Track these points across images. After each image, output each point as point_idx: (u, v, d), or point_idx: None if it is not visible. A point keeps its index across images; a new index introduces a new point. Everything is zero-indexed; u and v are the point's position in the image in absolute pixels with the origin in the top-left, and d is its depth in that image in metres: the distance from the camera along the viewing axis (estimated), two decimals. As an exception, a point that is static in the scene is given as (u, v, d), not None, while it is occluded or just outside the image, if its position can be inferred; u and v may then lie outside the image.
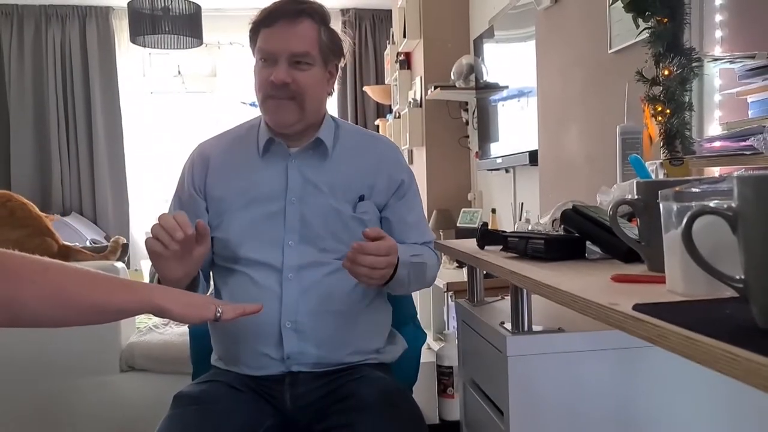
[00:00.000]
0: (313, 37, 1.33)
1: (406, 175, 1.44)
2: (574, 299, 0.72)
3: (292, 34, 1.31)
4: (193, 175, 1.41)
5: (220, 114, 5.35)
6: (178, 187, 1.44)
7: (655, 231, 0.75)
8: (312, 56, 1.32)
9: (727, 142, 1.40)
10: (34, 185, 5.05)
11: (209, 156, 1.42)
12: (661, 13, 1.55)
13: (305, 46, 1.31)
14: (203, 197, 1.39)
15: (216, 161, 1.41)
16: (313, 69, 1.34)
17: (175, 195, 1.44)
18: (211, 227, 1.37)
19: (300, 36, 1.32)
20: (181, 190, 1.42)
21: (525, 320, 1.11)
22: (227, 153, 1.42)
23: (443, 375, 1.81)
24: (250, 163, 1.39)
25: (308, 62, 1.32)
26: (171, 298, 0.97)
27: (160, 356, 2.30)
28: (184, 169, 1.44)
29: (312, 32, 1.33)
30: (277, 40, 1.31)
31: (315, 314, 1.31)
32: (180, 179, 1.44)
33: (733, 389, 1.03)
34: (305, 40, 1.32)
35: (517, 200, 3.25)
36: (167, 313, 0.95)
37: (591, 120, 2.33)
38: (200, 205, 1.39)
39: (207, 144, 1.46)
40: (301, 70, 1.32)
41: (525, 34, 2.99)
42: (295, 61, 1.31)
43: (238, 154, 1.41)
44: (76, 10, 5.12)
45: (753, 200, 0.52)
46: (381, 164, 1.41)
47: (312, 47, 1.32)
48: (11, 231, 2.33)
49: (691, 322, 0.54)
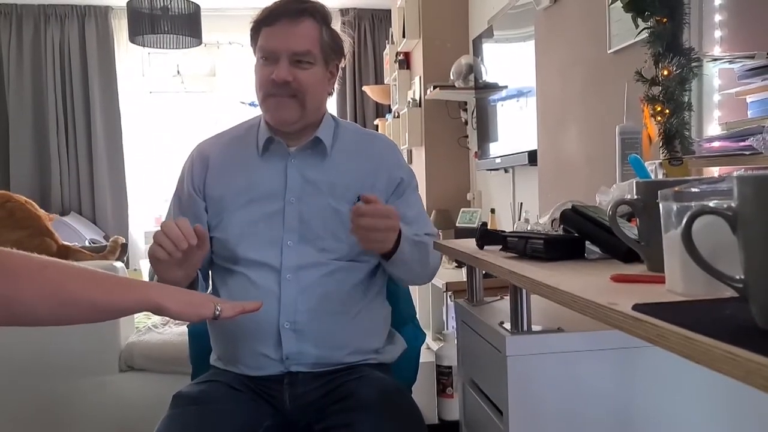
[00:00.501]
0: (315, 36, 1.33)
1: (405, 173, 1.44)
2: (573, 299, 0.72)
3: (293, 33, 1.31)
4: (192, 175, 1.41)
5: (219, 114, 5.35)
6: (177, 186, 1.44)
7: (655, 231, 0.75)
8: (313, 55, 1.33)
9: (727, 142, 1.41)
10: (33, 185, 5.05)
11: (208, 156, 1.42)
12: (660, 13, 1.55)
13: (306, 44, 1.32)
14: (202, 197, 1.39)
15: (215, 161, 1.41)
16: (314, 68, 1.34)
17: (175, 195, 1.44)
18: (210, 227, 1.37)
19: (301, 35, 1.32)
20: (181, 191, 1.42)
21: (524, 320, 1.11)
22: (226, 152, 1.42)
23: (442, 375, 1.81)
24: (250, 162, 1.39)
25: (309, 61, 1.32)
26: (169, 295, 0.96)
27: (160, 356, 2.30)
28: (183, 169, 1.44)
29: (313, 31, 1.33)
30: (278, 38, 1.31)
31: (314, 314, 1.31)
32: (179, 179, 1.44)
33: (733, 390, 1.03)
34: (306, 39, 1.32)
35: (516, 200, 3.25)
36: (165, 311, 0.95)
37: (590, 120, 2.33)
38: (199, 206, 1.39)
39: (206, 144, 1.46)
40: (302, 68, 1.32)
41: (524, 34, 2.99)
42: (296, 60, 1.31)
43: (238, 154, 1.41)
44: (75, 10, 5.12)
45: (753, 200, 0.52)
46: (380, 164, 1.41)
47: (313, 46, 1.32)
48: (11, 232, 2.33)
49: (691, 322, 0.54)
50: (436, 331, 3.53)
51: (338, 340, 1.33)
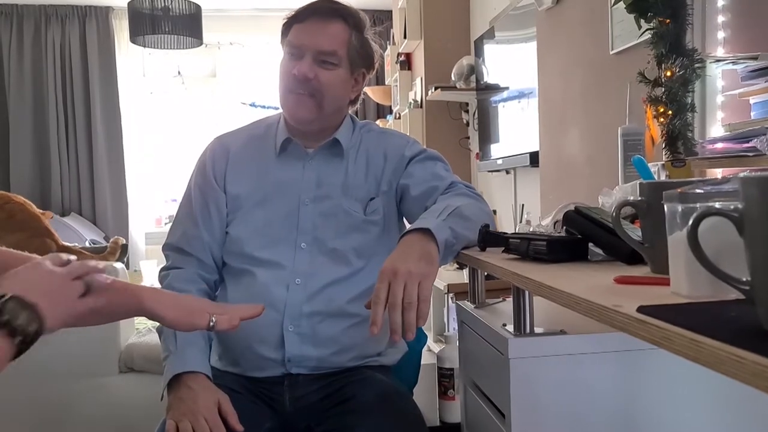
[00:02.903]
0: (343, 38, 1.32)
1: (411, 150, 1.39)
2: (576, 301, 0.72)
3: (321, 32, 1.31)
4: (214, 166, 1.39)
5: (219, 114, 5.35)
6: (196, 179, 1.41)
7: (659, 232, 0.74)
8: (338, 56, 1.32)
9: (730, 143, 1.40)
10: (33, 185, 5.06)
11: (229, 149, 1.41)
12: (663, 14, 1.55)
13: (333, 45, 1.31)
14: (223, 189, 1.38)
15: (235, 157, 1.40)
16: (338, 70, 1.33)
17: (195, 187, 1.40)
18: (225, 222, 1.37)
19: (329, 35, 1.31)
20: (202, 182, 1.39)
21: (527, 322, 1.10)
22: (245, 150, 1.41)
23: (444, 377, 1.80)
24: (267, 161, 1.38)
25: (333, 62, 1.32)
26: (164, 303, 0.92)
27: (159, 358, 2.29)
28: (201, 161, 1.42)
29: (343, 33, 1.32)
30: (306, 35, 1.31)
31: (319, 319, 1.30)
32: (197, 171, 1.41)
33: (739, 392, 1.03)
34: (334, 39, 1.31)
35: (518, 202, 3.24)
36: (159, 318, 0.92)
37: (592, 121, 2.32)
38: (221, 197, 1.37)
39: (226, 138, 1.45)
40: (326, 68, 1.31)
41: (526, 35, 2.98)
42: (321, 60, 1.31)
43: (256, 152, 1.40)
44: (75, 10, 5.12)
45: (759, 201, 0.52)
46: (388, 160, 1.39)
47: (340, 47, 1.32)
48: (10, 234, 2.33)
49: (696, 325, 0.54)
50: (438, 333, 3.53)
51: (342, 345, 1.32)
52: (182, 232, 1.39)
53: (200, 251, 1.36)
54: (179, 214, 1.43)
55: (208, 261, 1.37)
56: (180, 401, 1.17)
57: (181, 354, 1.24)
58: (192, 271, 1.36)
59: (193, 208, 1.39)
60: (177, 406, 1.16)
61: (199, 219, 1.37)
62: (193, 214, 1.38)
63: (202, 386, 1.20)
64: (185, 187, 1.44)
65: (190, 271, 1.36)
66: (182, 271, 1.36)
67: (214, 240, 1.37)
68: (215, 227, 1.37)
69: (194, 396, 1.17)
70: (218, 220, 1.37)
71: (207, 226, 1.37)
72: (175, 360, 1.24)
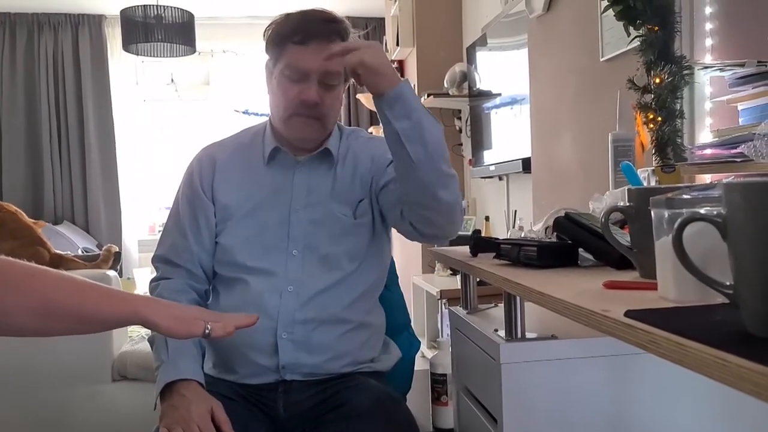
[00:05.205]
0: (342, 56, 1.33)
1: None
2: (566, 306, 0.72)
3: None
4: (201, 177, 1.39)
5: (213, 122, 5.35)
6: (183, 190, 1.42)
7: (647, 238, 0.75)
8: (340, 76, 1.32)
9: (718, 149, 1.41)
10: (25, 194, 5.03)
11: (215, 160, 1.41)
12: (651, 22, 1.57)
13: (339, 65, 1.28)
14: (211, 200, 1.38)
15: (222, 166, 1.40)
16: (338, 88, 1.34)
17: (183, 199, 1.41)
18: (215, 232, 1.37)
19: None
20: (189, 193, 1.40)
21: (518, 327, 1.11)
22: (232, 159, 1.41)
23: (437, 383, 1.80)
24: (255, 170, 1.39)
25: (335, 83, 1.32)
26: (159, 311, 0.92)
27: (153, 365, 2.29)
28: (188, 172, 1.42)
29: None
30: (311, 59, 1.29)
31: (313, 326, 1.30)
32: (185, 182, 1.42)
33: (726, 395, 1.04)
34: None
35: (511, 208, 3.26)
36: (154, 326, 0.92)
37: (583, 127, 2.34)
38: (209, 207, 1.38)
39: (212, 148, 1.45)
40: (329, 90, 1.32)
41: (518, 42, 3.00)
42: (324, 81, 1.30)
43: (244, 161, 1.40)
44: (68, 18, 5.12)
45: (742, 206, 0.53)
46: (374, 162, 1.39)
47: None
48: (2, 243, 2.32)
49: (682, 328, 0.55)
50: (431, 338, 3.53)
51: (336, 352, 1.32)
52: (171, 243, 1.39)
53: (189, 262, 1.37)
54: (168, 225, 1.43)
55: (198, 272, 1.38)
56: (173, 409, 1.17)
57: (174, 362, 1.24)
58: (182, 281, 1.36)
59: (181, 219, 1.39)
60: (170, 414, 1.16)
61: (187, 230, 1.37)
62: (182, 226, 1.38)
63: (196, 394, 1.20)
64: (173, 199, 1.45)
65: (180, 281, 1.36)
66: (172, 281, 1.37)
67: (203, 250, 1.37)
68: (204, 238, 1.37)
69: (187, 404, 1.17)
70: (207, 231, 1.37)
71: (196, 237, 1.37)
72: (167, 368, 1.24)
